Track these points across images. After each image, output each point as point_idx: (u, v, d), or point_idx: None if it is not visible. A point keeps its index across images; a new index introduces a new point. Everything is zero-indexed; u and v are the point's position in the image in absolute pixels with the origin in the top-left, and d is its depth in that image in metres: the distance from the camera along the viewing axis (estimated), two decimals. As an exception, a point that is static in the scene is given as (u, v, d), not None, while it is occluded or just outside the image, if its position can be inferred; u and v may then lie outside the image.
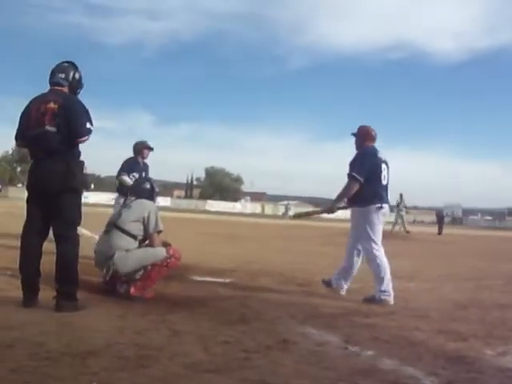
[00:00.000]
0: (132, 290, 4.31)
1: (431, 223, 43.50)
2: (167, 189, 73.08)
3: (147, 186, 4.81)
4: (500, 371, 2.90)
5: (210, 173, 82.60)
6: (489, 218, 72.73)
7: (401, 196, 22.46)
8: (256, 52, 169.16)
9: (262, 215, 50.41)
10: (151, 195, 4.80)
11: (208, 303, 4.28)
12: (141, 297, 4.27)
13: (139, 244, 4.50)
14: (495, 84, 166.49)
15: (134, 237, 4.44)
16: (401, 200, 22.33)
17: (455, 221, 62.80)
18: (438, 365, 2.91)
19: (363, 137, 5.27)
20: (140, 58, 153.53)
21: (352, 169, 5.05)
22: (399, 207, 22.19)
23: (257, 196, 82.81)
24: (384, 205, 5.05)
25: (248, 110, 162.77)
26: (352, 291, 5.20)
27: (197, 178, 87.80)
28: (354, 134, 5.32)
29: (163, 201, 44.45)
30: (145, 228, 4.47)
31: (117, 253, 4.30)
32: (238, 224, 23.41)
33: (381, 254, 4.93)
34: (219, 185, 78.62)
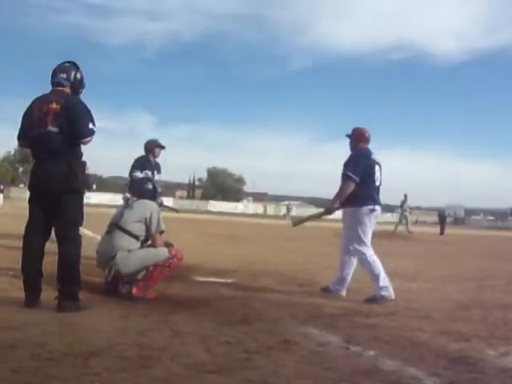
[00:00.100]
0: (134, 291, 4.31)
1: (433, 223, 43.45)
2: (169, 189, 73.10)
3: (149, 187, 4.82)
4: (502, 371, 2.90)
5: (212, 173, 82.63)
6: (491, 218, 72.66)
7: (405, 196, 22.42)
8: (257, 52, 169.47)
9: (264, 215, 50.44)
10: (153, 195, 4.81)
11: (210, 304, 4.28)
12: (143, 297, 4.27)
13: (141, 244, 4.50)
14: (497, 84, 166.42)
15: (136, 237, 4.44)
16: (405, 200, 22.30)
17: (457, 221, 62.80)
18: (440, 365, 2.90)
19: (357, 138, 5.32)
20: (140, 59, 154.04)
21: (347, 169, 5.09)
22: (403, 207, 22.14)
23: (259, 196, 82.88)
24: (376, 206, 5.11)
25: (249, 111, 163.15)
26: (352, 291, 5.20)
27: (199, 179, 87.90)
28: (349, 136, 5.38)
29: (165, 201, 44.39)
30: (147, 228, 4.47)
31: (119, 253, 4.30)
32: (240, 224, 23.42)
33: (371, 254, 5.00)
34: (221, 185, 78.65)
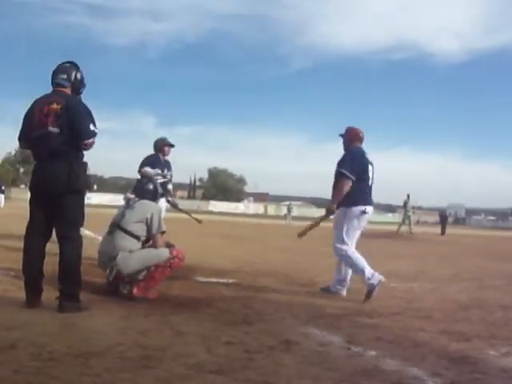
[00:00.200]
0: (135, 291, 4.31)
1: (434, 223, 43.43)
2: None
3: (150, 187, 4.81)
4: (503, 372, 2.90)
5: (213, 173, 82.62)
6: (492, 218, 72.63)
7: (408, 196, 22.24)
8: (258, 53, 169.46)
9: (265, 216, 50.45)
10: (154, 196, 4.81)
11: (211, 304, 4.28)
12: (144, 297, 4.27)
13: (142, 245, 4.50)
14: (497, 84, 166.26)
15: (138, 237, 4.44)
16: (408, 200, 22.18)
17: (458, 221, 62.79)
18: (442, 365, 2.90)
19: (351, 138, 5.36)
20: (142, 59, 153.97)
21: (343, 167, 5.11)
22: (406, 208, 22.01)
23: (260, 197, 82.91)
24: (368, 207, 5.14)
25: (250, 111, 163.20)
26: (353, 291, 5.20)
27: (200, 179, 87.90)
28: (342, 135, 5.42)
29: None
30: (148, 229, 4.47)
31: (120, 253, 4.30)
32: (241, 225, 23.42)
33: (352, 250, 5.04)
34: (222, 185, 78.63)
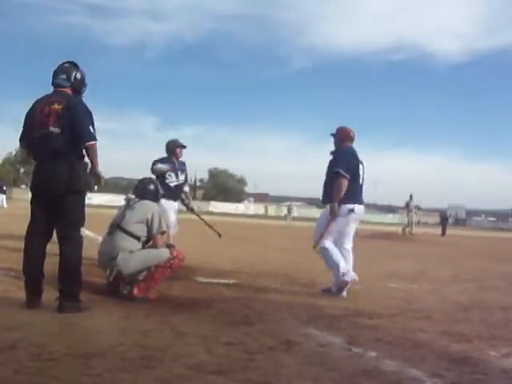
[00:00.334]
0: (135, 291, 4.31)
1: (435, 224, 43.41)
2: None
3: (151, 187, 4.81)
4: (504, 372, 2.90)
5: (214, 174, 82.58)
6: (492, 219, 72.61)
7: (411, 197, 22.12)
8: (258, 53, 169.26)
9: (265, 216, 50.42)
10: (156, 196, 4.80)
11: (211, 304, 4.28)
12: (144, 298, 4.27)
13: (143, 245, 4.50)
14: (498, 85, 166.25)
15: (138, 238, 4.44)
16: (411, 201, 22.08)
17: (458, 222, 62.75)
18: (442, 366, 2.90)
19: (342, 137, 5.40)
20: (142, 60, 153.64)
21: (338, 167, 5.13)
22: (409, 208, 21.94)
23: (260, 197, 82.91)
24: (357, 206, 5.17)
25: (250, 111, 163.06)
26: (353, 292, 5.20)
27: (200, 179, 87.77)
28: (333, 135, 5.45)
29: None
30: (148, 229, 4.47)
31: (120, 254, 4.30)
32: (242, 225, 23.41)
33: (330, 245, 5.12)
34: (222, 186, 78.60)
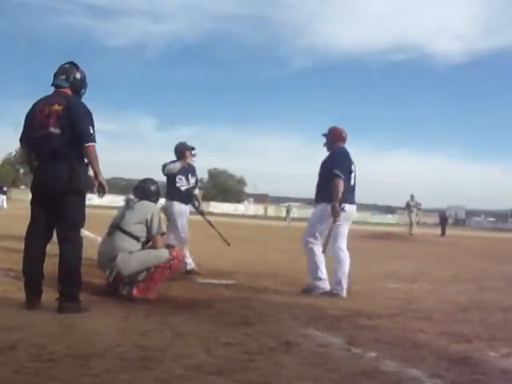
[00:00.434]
0: (135, 292, 4.31)
1: (434, 225, 43.39)
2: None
3: (152, 188, 4.80)
4: (503, 373, 2.90)
5: (213, 174, 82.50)
6: (492, 220, 72.58)
7: (412, 197, 22.08)
8: (258, 53, 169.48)
9: (265, 217, 50.42)
10: (157, 198, 4.80)
11: (211, 305, 4.27)
12: (143, 298, 4.27)
13: (142, 246, 4.50)
14: (497, 85, 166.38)
15: (137, 238, 4.44)
16: (412, 200, 22.03)
17: (458, 222, 62.69)
18: (442, 366, 2.90)
19: (334, 138, 5.42)
20: (142, 60, 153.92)
21: (334, 168, 5.13)
22: (410, 208, 21.89)
23: (260, 198, 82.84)
24: (347, 206, 5.16)
25: (250, 112, 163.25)
26: (353, 293, 5.20)
27: (200, 180, 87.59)
28: (325, 135, 5.46)
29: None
30: (148, 230, 4.47)
31: (120, 254, 4.30)
32: (241, 226, 23.40)
33: (317, 247, 5.16)
34: (222, 186, 78.53)
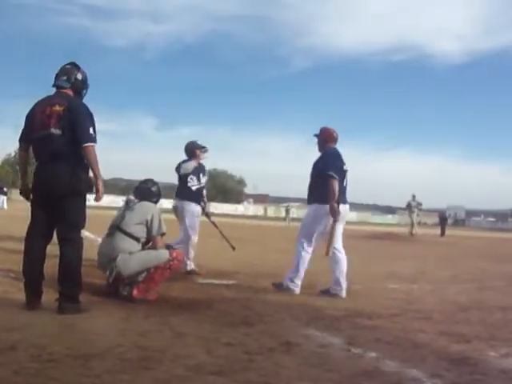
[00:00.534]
0: (135, 293, 4.31)
1: (434, 225, 43.39)
2: (171, 191, 73.03)
3: (154, 189, 4.80)
4: (503, 373, 2.90)
5: (213, 175, 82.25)
6: (491, 220, 72.58)
7: (413, 197, 22.05)
8: (258, 54, 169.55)
9: (265, 217, 50.40)
10: (158, 198, 4.79)
11: (211, 305, 4.27)
12: (143, 299, 4.27)
13: (142, 246, 4.50)
14: (497, 85, 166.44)
15: (137, 239, 4.44)
16: (413, 201, 21.98)
17: (458, 222, 62.66)
18: (442, 366, 2.90)
19: (325, 138, 5.42)
20: (142, 61, 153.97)
21: (328, 169, 5.12)
22: (411, 208, 21.87)
23: (260, 198, 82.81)
24: (340, 206, 5.15)
25: (250, 112, 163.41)
26: (353, 293, 5.20)
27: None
28: (317, 135, 5.46)
29: (166, 203, 44.23)
30: (148, 231, 4.47)
31: (120, 255, 4.30)
32: (241, 226, 23.39)
33: (306, 252, 5.23)
34: (222, 187, 78.52)
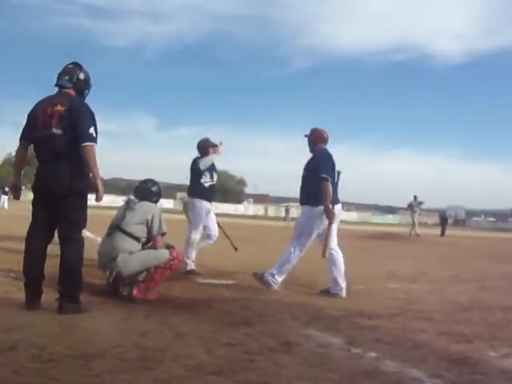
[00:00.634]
0: (135, 292, 4.31)
1: (434, 225, 43.38)
2: (170, 191, 73.00)
3: (154, 189, 4.79)
4: (503, 373, 2.90)
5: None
6: (492, 220, 72.57)
7: (415, 197, 22.05)
8: (258, 54, 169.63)
9: (265, 217, 50.41)
10: (158, 198, 4.79)
11: (211, 305, 4.28)
12: (144, 299, 4.27)
13: (142, 246, 4.50)
14: (497, 85, 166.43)
15: (138, 239, 4.44)
16: (415, 201, 21.97)
17: (458, 222, 62.67)
18: (442, 366, 2.90)
19: (315, 139, 5.43)
20: (142, 61, 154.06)
21: (321, 171, 5.11)
22: (413, 209, 21.83)
23: (260, 198, 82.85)
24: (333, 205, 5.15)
25: (250, 112, 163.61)
26: (353, 293, 5.20)
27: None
28: (307, 136, 5.47)
29: (166, 203, 44.35)
30: (148, 230, 4.47)
31: (120, 255, 4.30)
32: (241, 226, 23.38)
33: (295, 256, 5.27)
34: (222, 187, 78.35)
